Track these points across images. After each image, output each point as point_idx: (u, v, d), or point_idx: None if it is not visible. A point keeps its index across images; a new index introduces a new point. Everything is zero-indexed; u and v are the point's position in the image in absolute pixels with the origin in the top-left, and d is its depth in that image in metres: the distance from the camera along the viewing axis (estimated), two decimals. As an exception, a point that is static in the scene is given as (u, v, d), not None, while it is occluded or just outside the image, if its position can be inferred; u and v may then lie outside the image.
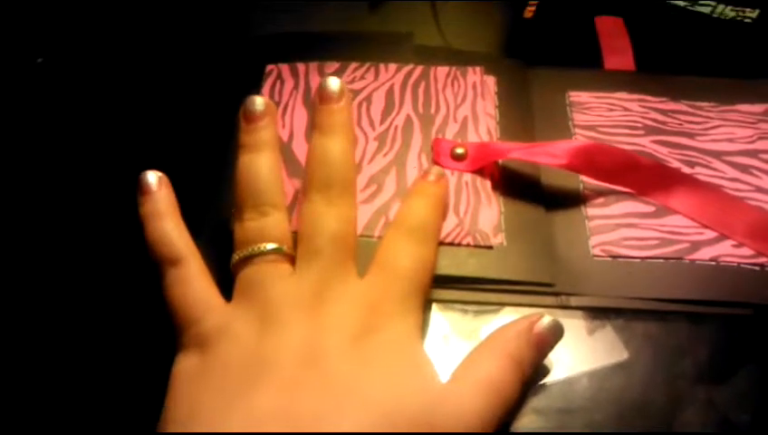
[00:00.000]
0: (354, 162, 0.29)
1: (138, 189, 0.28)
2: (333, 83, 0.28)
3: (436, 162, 0.32)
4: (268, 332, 0.24)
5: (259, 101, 0.28)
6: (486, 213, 0.31)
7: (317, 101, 0.29)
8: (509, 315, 0.29)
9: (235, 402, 0.22)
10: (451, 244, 0.30)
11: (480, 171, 0.32)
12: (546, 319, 0.26)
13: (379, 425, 0.22)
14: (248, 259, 0.26)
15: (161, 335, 0.26)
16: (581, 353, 0.28)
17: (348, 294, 0.25)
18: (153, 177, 0.28)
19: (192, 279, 0.26)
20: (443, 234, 0.30)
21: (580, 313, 0.29)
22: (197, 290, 0.26)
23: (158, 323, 0.26)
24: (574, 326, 0.28)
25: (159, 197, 0.28)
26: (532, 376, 0.26)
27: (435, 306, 0.29)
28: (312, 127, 0.28)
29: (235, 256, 0.27)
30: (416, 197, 0.29)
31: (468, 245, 0.30)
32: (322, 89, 0.28)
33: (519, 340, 0.26)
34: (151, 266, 0.27)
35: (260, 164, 0.28)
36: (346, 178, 0.27)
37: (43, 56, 0.39)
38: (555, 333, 0.26)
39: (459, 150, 0.32)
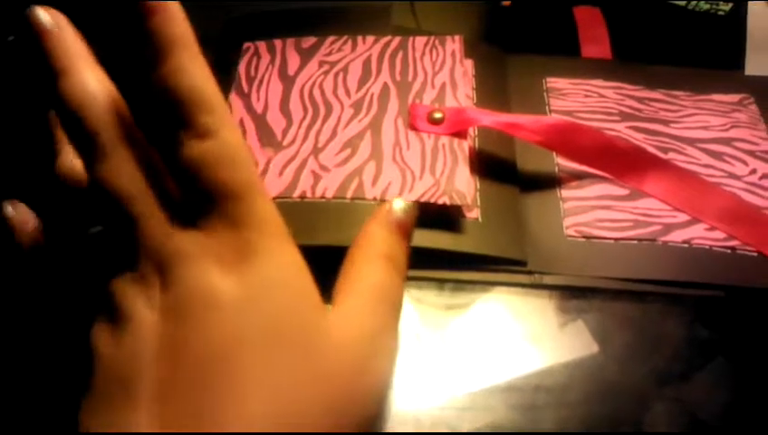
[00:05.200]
0: None
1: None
2: None
3: (412, 126, 0.32)
4: None
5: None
6: (463, 173, 0.30)
7: None
8: (486, 295, 0.28)
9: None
10: (427, 203, 0.29)
11: (457, 135, 0.32)
12: (396, 204, 0.23)
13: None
14: None
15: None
16: (555, 335, 0.28)
17: None
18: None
19: None
20: (419, 193, 0.29)
21: (554, 292, 0.29)
22: None
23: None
24: (545, 306, 0.28)
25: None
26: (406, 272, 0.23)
27: (410, 284, 0.29)
28: None
29: None
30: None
31: (444, 204, 0.29)
32: None
33: (387, 237, 0.23)
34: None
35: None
36: None
37: (14, 35, 0.39)
38: (410, 213, 0.23)
39: (437, 115, 0.32)
